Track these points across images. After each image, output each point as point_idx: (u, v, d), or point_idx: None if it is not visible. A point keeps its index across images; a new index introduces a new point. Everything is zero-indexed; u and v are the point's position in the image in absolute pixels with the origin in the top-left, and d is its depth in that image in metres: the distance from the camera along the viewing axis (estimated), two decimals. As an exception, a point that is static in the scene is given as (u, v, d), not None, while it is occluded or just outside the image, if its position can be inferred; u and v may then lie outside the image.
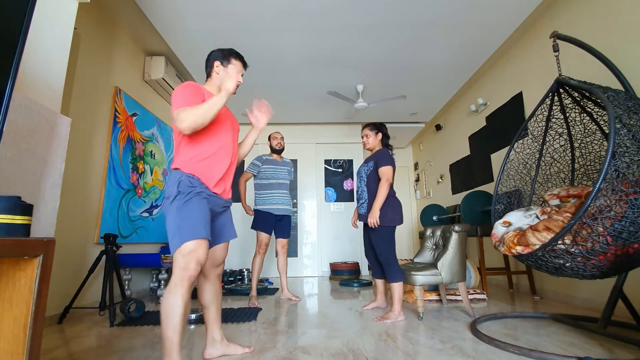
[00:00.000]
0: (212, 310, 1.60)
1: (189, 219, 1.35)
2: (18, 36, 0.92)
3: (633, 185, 1.42)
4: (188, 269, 1.31)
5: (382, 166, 2.44)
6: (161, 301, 1.32)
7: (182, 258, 1.32)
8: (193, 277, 1.33)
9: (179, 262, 1.32)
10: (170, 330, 1.27)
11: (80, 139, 2.69)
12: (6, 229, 0.78)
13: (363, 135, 2.66)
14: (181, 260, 1.32)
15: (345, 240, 5.50)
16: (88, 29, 2.79)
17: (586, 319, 2.08)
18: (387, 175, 2.41)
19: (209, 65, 1.64)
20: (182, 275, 1.31)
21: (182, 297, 1.29)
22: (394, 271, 2.36)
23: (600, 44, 2.32)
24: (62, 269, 2.45)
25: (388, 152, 2.56)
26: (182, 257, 1.32)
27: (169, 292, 1.30)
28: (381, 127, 2.65)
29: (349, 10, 2.88)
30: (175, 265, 1.32)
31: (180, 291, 1.30)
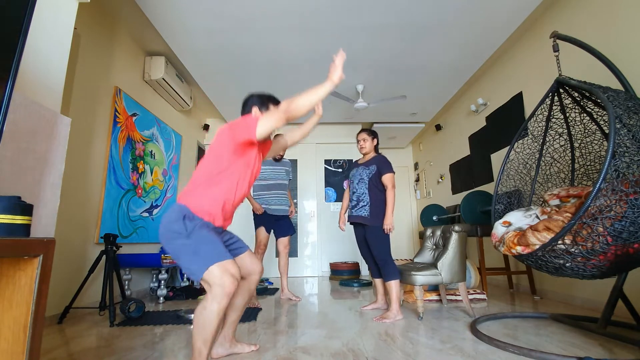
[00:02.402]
0: (238, 313, 1.61)
1: (206, 245, 1.32)
2: (18, 36, 0.92)
3: (633, 185, 1.42)
4: (225, 286, 1.27)
5: (386, 173, 2.54)
6: (196, 311, 1.30)
7: (214, 276, 1.28)
8: (231, 293, 1.30)
9: (216, 280, 1.27)
10: (201, 342, 1.27)
11: (80, 139, 2.69)
12: (6, 229, 0.78)
13: (360, 139, 2.72)
14: (214, 277, 1.27)
15: (345, 240, 5.50)
16: (88, 29, 2.79)
17: (586, 319, 2.08)
18: (393, 181, 2.53)
19: (246, 110, 1.64)
20: (221, 292, 1.26)
21: (218, 314, 1.27)
22: (390, 270, 2.38)
23: (600, 44, 2.32)
24: (62, 269, 2.45)
25: (387, 158, 2.64)
26: (213, 275, 1.28)
27: (205, 308, 1.27)
28: (376, 134, 2.77)
29: (349, 11, 2.88)
30: (213, 282, 1.27)
31: (217, 308, 1.26)
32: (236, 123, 1.46)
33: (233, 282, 1.29)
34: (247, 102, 1.66)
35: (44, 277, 0.80)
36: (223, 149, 1.46)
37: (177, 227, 1.34)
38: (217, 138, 1.49)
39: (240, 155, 1.47)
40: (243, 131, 1.42)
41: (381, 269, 2.45)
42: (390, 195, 2.48)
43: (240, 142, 1.43)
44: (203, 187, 1.43)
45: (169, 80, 3.75)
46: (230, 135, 1.45)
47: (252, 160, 1.54)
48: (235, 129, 1.45)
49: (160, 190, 3.94)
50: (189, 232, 1.33)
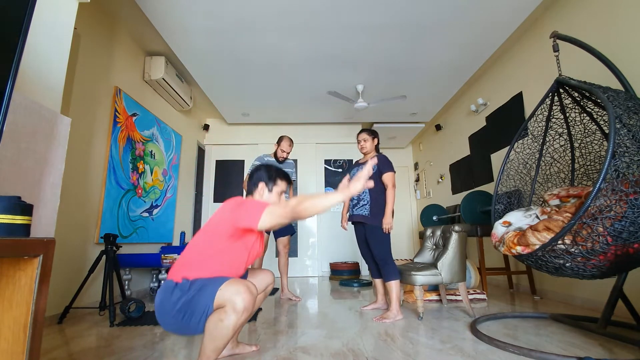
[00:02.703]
0: None
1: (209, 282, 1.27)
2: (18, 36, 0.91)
3: (633, 185, 1.42)
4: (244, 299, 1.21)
5: (386, 172, 2.53)
6: (211, 321, 1.22)
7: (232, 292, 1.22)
8: (250, 308, 1.24)
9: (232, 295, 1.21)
10: (211, 350, 1.23)
11: (80, 139, 2.69)
12: (6, 229, 0.78)
13: (361, 140, 2.72)
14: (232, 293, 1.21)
15: (345, 240, 5.50)
16: (88, 29, 2.79)
17: (586, 319, 2.08)
18: (393, 180, 2.52)
19: (252, 183, 1.57)
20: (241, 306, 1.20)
21: (234, 328, 1.22)
22: (390, 270, 2.38)
23: (600, 44, 2.32)
24: (62, 269, 2.45)
25: (387, 157, 2.64)
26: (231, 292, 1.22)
27: (222, 321, 1.20)
28: (377, 134, 2.76)
29: (349, 11, 2.88)
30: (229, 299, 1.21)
31: (235, 322, 1.21)
32: (240, 205, 1.36)
33: (251, 295, 1.23)
34: (253, 175, 1.59)
35: (44, 277, 0.80)
36: (221, 228, 1.37)
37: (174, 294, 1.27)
38: (218, 215, 1.40)
39: (238, 238, 1.39)
40: (246, 218, 1.31)
41: (381, 269, 2.45)
42: (389, 195, 2.48)
43: (240, 228, 1.34)
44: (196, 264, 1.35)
45: (169, 80, 3.75)
46: (232, 217, 1.35)
47: (250, 242, 1.46)
48: (238, 213, 1.34)
49: (160, 190, 3.94)
50: (187, 288, 1.27)
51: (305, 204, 1.26)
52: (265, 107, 4.96)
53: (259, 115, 5.26)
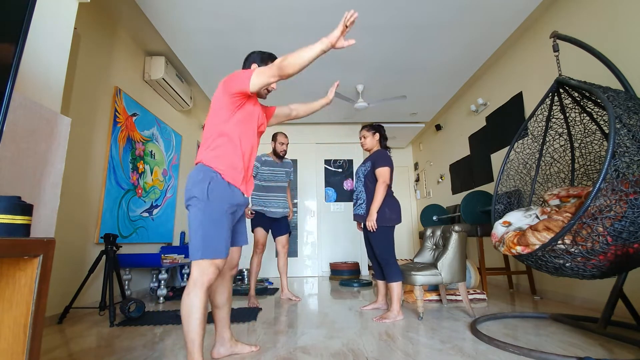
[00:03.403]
0: (225, 310, 1.63)
1: (213, 238, 1.37)
2: (18, 36, 0.92)
3: (633, 185, 1.42)
4: (207, 274, 1.35)
5: (379, 167, 2.46)
6: (181, 304, 1.34)
7: (202, 263, 1.35)
8: (211, 281, 1.36)
9: (199, 267, 1.34)
10: (191, 331, 1.30)
11: (80, 139, 2.69)
12: (6, 229, 0.78)
13: (361, 137, 2.70)
14: (201, 265, 1.35)
15: (345, 240, 5.50)
16: (88, 29, 2.79)
17: (586, 319, 2.08)
18: (384, 176, 2.43)
19: (246, 66, 1.66)
20: (202, 279, 1.34)
21: (200, 299, 1.32)
22: (393, 271, 2.36)
23: (600, 44, 2.32)
24: (62, 269, 2.45)
25: (386, 152, 2.58)
26: (203, 263, 1.35)
27: (187, 294, 1.32)
28: (379, 128, 2.69)
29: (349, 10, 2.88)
30: (195, 268, 1.35)
31: (199, 293, 1.32)
32: (231, 76, 1.47)
33: (215, 272, 1.37)
34: (248, 58, 1.67)
35: (44, 277, 0.79)
36: (220, 103, 1.47)
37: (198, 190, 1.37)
38: (214, 97, 1.51)
39: (238, 108, 1.48)
40: (237, 83, 1.43)
41: (383, 269, 2.42)
42: (379, 190, 2.38)
43: (233, 92, 1.44)
44: (211, 144, 1.45)
45: (169, 80, 3.75)
46: (225, 88, 1.46)
47: (253, 114, 1.55)
48: (229, 82, 1.45)
49: (160, 190, 3.94)
50: (208, 199, 1.36)
51: (288, 58, 1.33)
52: (265, 107, 4.95)
53: (259, 115, 5.25)
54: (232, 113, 1.47)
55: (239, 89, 1.43)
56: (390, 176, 2.49)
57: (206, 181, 1.38)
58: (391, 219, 2.42)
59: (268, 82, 1.40)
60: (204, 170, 1.41)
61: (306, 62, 1.33)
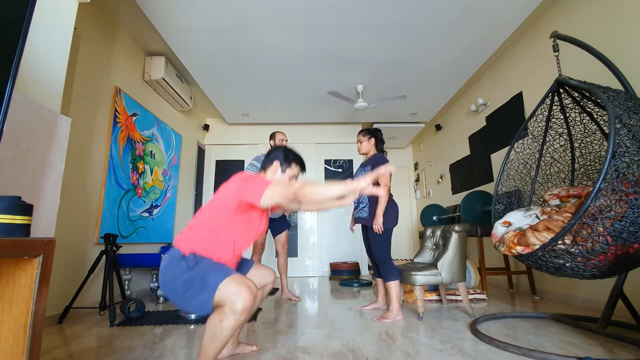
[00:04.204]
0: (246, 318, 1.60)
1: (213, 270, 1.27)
2: (18, 36, 0.92)
3: (633, 185, 1.42)
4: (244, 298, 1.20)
5: None
6: (211, 321, 1.23)
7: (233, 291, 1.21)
8: (250, 308, 1.23)
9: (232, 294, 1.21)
10: (212, 351, 1.24)
11: (80, 139, 2.69)
12: (6, 229, 0.78)
13: (357, 141, 2.73)
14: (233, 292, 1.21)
15: (345, 240, 5.50)
16: (88, 29, 2.79)
17: (586, 319, 2.08)
18: (386, 180, 2.46)
19: (268, 160, 1.59)
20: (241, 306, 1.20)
21: (234, 329, 1.22)
22: (389, 270, 2.38)
23: (600, 44, 2.32)
24: (62, 269, 2.45)
25: (384, 156, 2.60)
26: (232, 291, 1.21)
27: (222, 321, 1.20)
28: (375, 132, 2.71)
29: (349, 10, 2.88)
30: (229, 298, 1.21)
31: (235, 323, 1.21)
32: (247, 180, 1.38)
33: (251, 294, 1.22)
34: (272, 153, 1.61)
35: (44, 277, 0.79)
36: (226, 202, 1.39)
37: (180, 265, 1.28)
38: (225, 188, 1.42)
39: (243, 213, 1.41)
40: (249, 193, 1.33)
41: (380, 269, 2.45)
42: (383, 190, 2.41)
43: (244, 202, 1.36)
44: (203, 233, 1.37)
45: (169, 80, 3.75)
46: (238, 191, 1.37)
47: (255, 218, 1.48)
48: (243, 187, 1.36)
49: (160, 190, 3.94)
50: (193, 264, 1.28)
51: (307, 188, 1.26)
52: (265, 107, 4.95)
53: (259, 115, 5.26)
54: (235, 215, 1.39)
55: (248, 200, 1.33)
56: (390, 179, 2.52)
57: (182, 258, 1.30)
58: (391, 221, 2.46)
59: (279, 202, 1.32)
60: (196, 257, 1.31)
61: (324, 200, 1.28)
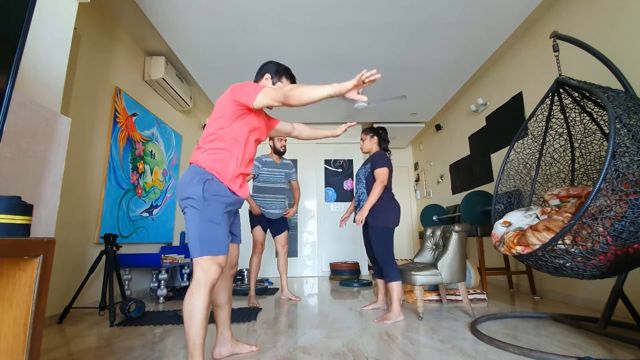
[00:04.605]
0: (226, 310, 1.63)
1: (212, 235, 1.36)
2: (18, 36, 0.92)
3: (633, 185, 1.42)
4: (210, 272, 1.33)
5: (377, 167, 2.49)
6: (183, 304, 1.32)
7: (204, 263, 1.34)
8: (215, 281, 1.35)
9: (202, 266, 1.33)
10: (194, 332, 1.29)
11: (80, 139, 2.69)
12: (6, 229, 0.78)
13: (360, 140, 2.74)
14: (203, 264, 1.34)
15: (345, 240, 5.50)
16: (88, 29, 2.79)
17: (586, 319, 2.08)
18: (382, 176, 2.46)
19: (260, 74, 1.69)
20: (205, 278, 1.33)
21: (203, 300, 1.31)
22: (391, 271, 2.37)
23: (600, 44, 2.32)
24: (62, 269, 2.45)
25: (384, 154, 2.60)
26: (204, 262, 1.34)
27: (191, 295, 1.31)
28: (378, 131, 2.71)
29: (349, 10, 2.88)
30: (197, 269, 1.34)
31: (202, 294, 1.31)
32: (239, 86, 1.49)
33: (218, 270, 1.36)
34: (263, 67, 1.69)
35: (44, 277, 0.80)
36: (224, 107, 1.49)
37: (194, 191, 1.37)
38: (220, 100, 1.52)
39: (240, 117, 1.49)
40: (243, 94, 1.45)
41: (382, 270, 2.43)
42: (375, 189, 2.41)
43: (238, 102, 1.46)
44: (209, 147, 1.46)
45: (169, 80, 3.74)
46: (231, 94, 1.48)
47: (254, 124, 1.55)
48: (237, 90, 1.47)
49: (160, 190, 3.94)
50: (204, 200, 1.36)
51: (296, 90, 1.36)
52: (265, 107, 4.95)
53: (259, 115, 5.25)
54: (234, 120, 1.48)
55: (243, 101, 1.45)
56: (389, 177, 2.51)
57: (201, 182, 1.38)
58: (392, 220, 2.46)
59: (271, 104, 1.43)
60: (199, 171, 1.40)
61: (311, 100, 1.35)
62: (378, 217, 2.44)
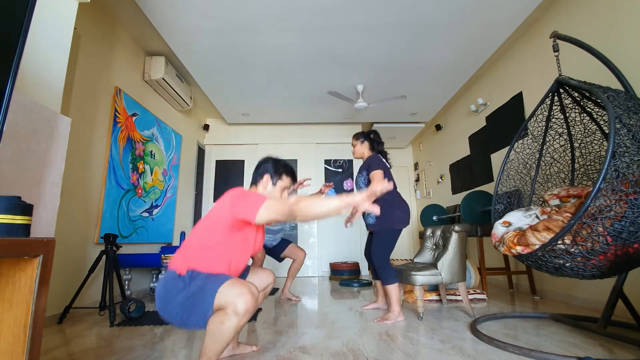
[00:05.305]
0: None
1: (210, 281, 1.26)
2: (18, 36, 0.91)
3: (633, 185, 1.42)
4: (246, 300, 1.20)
5: (371, 171, 2.47)
6: (212, 322, 1.22)
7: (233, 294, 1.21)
8: (252, 310, 1.23)
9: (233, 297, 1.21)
10: (213, 352, 1.23)
11: (80, 139, 2.69)
12: (6, 229, 0.78)
13: (351, 145, 2.73)
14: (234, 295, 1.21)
15: (345, 240, 5.50)
16: (88, 29, 2.79)
17: (586, 319, 2.08)
18: (379, 177, 2.43)
19: (258, 174, 1.58)
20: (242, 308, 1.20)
21: (236, 330, 1.22)
22: (387, 274, 2.34)
23: (600, 44, 2.32)
24: (62, 269, 2.45)
25: (376, 156, 2.56)
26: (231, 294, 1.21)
27: (223, 323, 1.20)
28: (368, 135, 2.68)
29: (349, 10, 2.88)
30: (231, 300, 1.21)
31: (237, 324, 1.21)
32: (241, 196, 1.35)
33: (252, 296, 1.22)
34: (261, 166, 1.59)
35: (44, 277, 0.79)
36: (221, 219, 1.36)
37: (176, 284, 1.27)
38: (219, 205, 1.38)
39: (238, 230, 1.38)
40: (244, 210, 1.30)
41: (377, 272, 2.41)
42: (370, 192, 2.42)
43: (239, 219, 1.33)
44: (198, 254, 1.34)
45: (169, 80, 3.75)
46: (232, 208, 1.33)
47: (251, 235, 1.46)
48: (238, 202, 1.33)
49: (160, 190, 3.94)
50: (189, 281, 1.26)
51: (302, 203, 1.22)
52: (265, 107, 4.95)
53: (259, 115, 5.26)
54: (231, 232, 1.37)
55: (244, 217, 1.30)
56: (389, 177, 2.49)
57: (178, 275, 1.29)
58: (401, 220, 2.41)
59: (275, 219, 1.27)
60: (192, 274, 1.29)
61: (319, 216, 1.23)
62: (388, 217, 2.41)
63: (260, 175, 1.56)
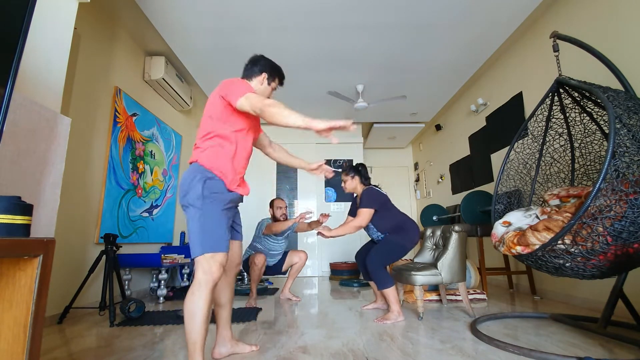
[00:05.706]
0: (227, 309, 1.63)
1: (212, 232, 1.36)
2: (18, 36, 0.92)
3: (633, 185, 1.42)
4: (211, 272, 1.33)
5: (361, 207, 2.48)
6: (184, 303, 1.32)
7: (205, 262, 1.33)
8: (217, 280, 1.35)
9: (203, 266, 1.33)
10: (194, 332, 1.29)
11: (80, 139, 2.69)
12: (6, 229, 0.78)
13: (341, 180, 2.72)
14: (204, 263, 1.33)
15: (345, 240, 5.49)
16: (88, 29, 2.79)
17: (586, 319, 2.08)
18: (362, 217, 2.44)
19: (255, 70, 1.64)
20: (207, 278, 1.32)
21: (205, 300, 1.30)
22: (381, 277, 2.33)
23: (600, 44, 2.32)
24: (62, 269, 2.45)
25: (371, 191, 2.53)
26: (205, 261, 1.33)
27: (192, 294, 1.31)
28: (357, 169, 2.67)
29: (349, 10, 2.88)
30: (199, 268, 1.33)
31: (204, 293, 1.31)
32: (231, 82, 1.47)
33: (219, 269, 1.35)
34: (259, 62, 1.65)
35: (44, 277, 0.79)
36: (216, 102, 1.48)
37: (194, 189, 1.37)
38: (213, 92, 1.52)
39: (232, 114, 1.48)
40: (230, 92, 1.43)
41: (371, 275, 2.39)
42: (349, 225, 2.42)
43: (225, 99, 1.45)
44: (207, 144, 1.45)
45: (169, 80, 3.74)
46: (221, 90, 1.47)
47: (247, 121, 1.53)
48: (226, 86, 1.46)
49: (160, 190, 3.94)
50: (204, 198, 1.36)
51: (273, 109, 1.32)
52: (265, 107, 4.94)
53: (259, 115, 5.25)
54: (226, 119, 1.47)
55: (228, 98, 1.43)
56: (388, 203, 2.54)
57: (202, 180, 1.38)
58: (412, 240, 2.43)
59: (248, 112, 1.40)
60: (200, 170, 1.40)
61: (283, 124, 1.33)
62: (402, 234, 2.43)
63: (259, 72, 1.64)
